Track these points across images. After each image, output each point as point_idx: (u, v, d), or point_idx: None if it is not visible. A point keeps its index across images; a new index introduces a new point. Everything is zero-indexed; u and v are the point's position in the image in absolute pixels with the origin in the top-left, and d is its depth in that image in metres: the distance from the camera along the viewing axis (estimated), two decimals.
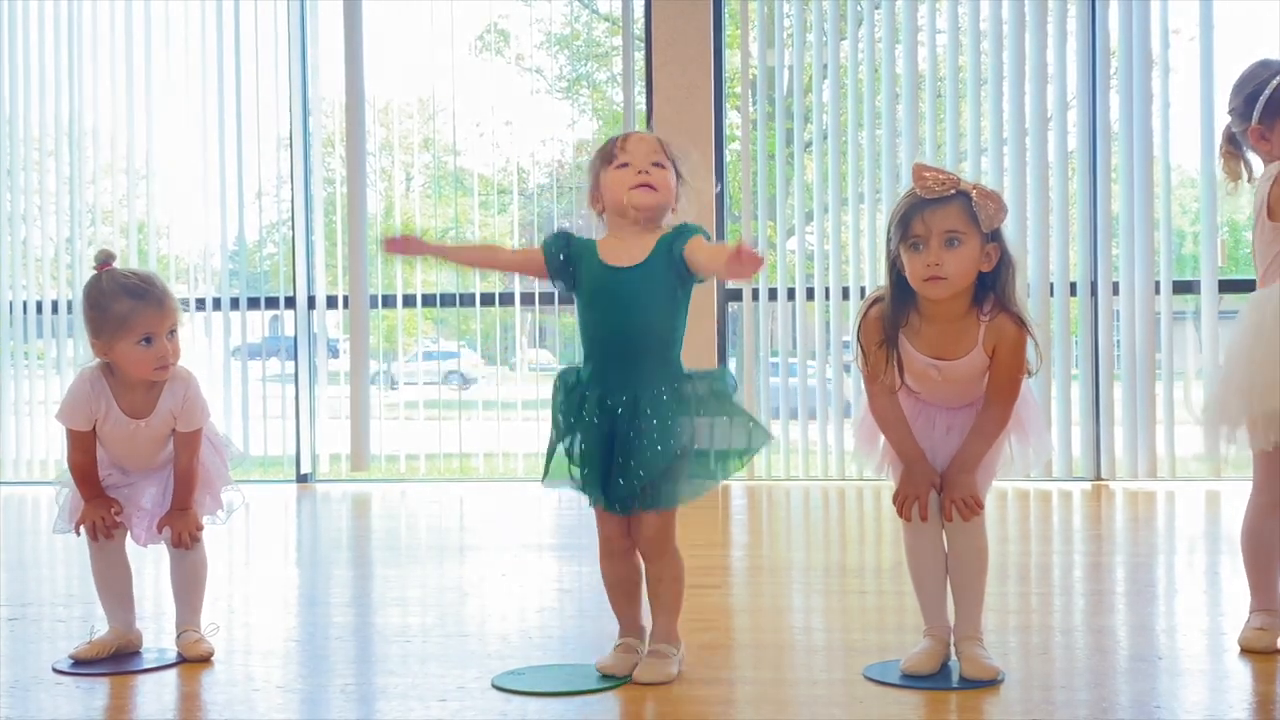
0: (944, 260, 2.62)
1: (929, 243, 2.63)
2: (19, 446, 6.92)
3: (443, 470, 6.97)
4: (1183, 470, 6.17)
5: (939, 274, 2.63)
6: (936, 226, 2.62)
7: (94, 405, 2.98)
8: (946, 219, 2.62)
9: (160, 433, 3.03)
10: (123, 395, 2.99)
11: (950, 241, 2.62)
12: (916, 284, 2.67)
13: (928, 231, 2.62)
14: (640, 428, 2.72)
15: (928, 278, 2.64)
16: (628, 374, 2.76)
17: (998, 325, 2.70)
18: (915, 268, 2.65)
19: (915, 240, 2.64)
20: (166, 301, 2.94)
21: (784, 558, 4.52)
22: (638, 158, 2.78)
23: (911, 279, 2.67)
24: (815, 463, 6.45)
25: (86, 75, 6.97)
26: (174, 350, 2.96)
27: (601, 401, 2.76)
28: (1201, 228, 6.23)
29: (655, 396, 2.74)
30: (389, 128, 7.60)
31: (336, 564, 4.58)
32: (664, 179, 2.79)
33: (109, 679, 2.93)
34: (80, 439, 3.01)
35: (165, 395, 2.99)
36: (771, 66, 6.55)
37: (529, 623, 3.43)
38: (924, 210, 2.63)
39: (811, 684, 2.84)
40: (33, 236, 7.14)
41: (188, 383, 3.01)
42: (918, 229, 2.63)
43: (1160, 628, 3.31)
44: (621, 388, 2.75)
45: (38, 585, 4.11)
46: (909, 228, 2.64)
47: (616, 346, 2.78)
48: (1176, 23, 6.39)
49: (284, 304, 6.90)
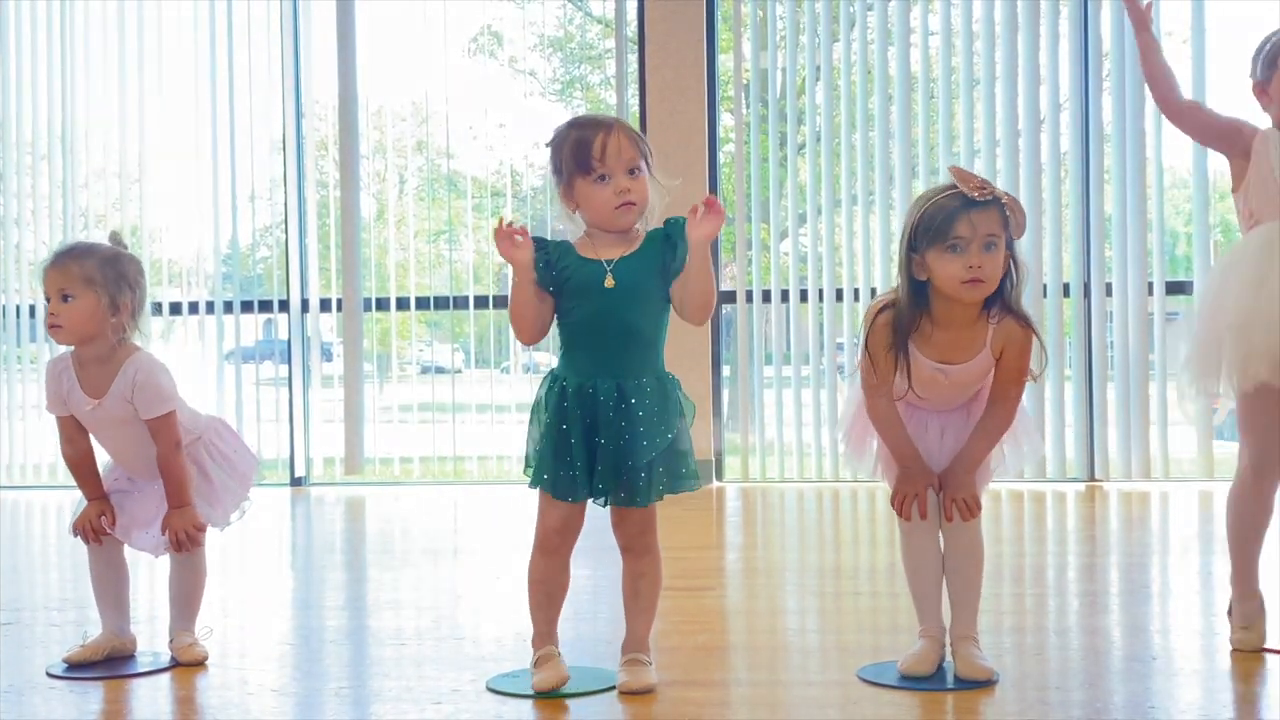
0: (984, 263, 2.63)
1: (970, 246, 2.63)
2: (11, 451, 6.91)
3: (436, 473, 6.96)
4: (1176, 471, 6.19)
5: (980, 276, 2.63)
6: (981, 229, 2.63)
7: (59, 385, 3.03)
8: (989, 223, 2.63)
9: (122, 416, 3.00)
10: (84, 377, 3.02)
11: (989, 245, 2.64)
12: (953, 286, 2.65)
13: (973, 234, 2.62)
14: (628, 417, 2.71)
15: (969, 279, 2.64)
16: (613, 364, 2.74)
17: (1005, 328, 2.73)
18: (955, 270, 2.64)
19: (956, 242, 2.63)
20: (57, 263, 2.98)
21: (778, 559, 4.52)
22: (616, 170, 2.72)
23: (947, 282, 2.65)
24: (809, 464, 6.45)
25: (79, 79, 6.96)
26: (66, 314, 2.96)
27: (582, 390, 2.74)
28: (1194, 229, 6.25)
29: (640, 387, 2.73)
30: (382, 131, 7.59)
31: (330, 567, 4.57)
32: (642, 188, 2.75)
33: (103, 683, 2.93)
34: (63, 428, 3.05)
35: (119, 376, 2.99)
36: (764, 69, 6.55)
37: (523, 625, 3.42)
38: (970, 212, 2.63)
39: (806, 685, 2.84)
40: (25, 240, 7.13)
41: (139, 365, 3.00)
42: (963, 230, 2.62)
43: (1154, 628, 3.31)
44: (606, 376, 2.73)
45: (31, 589, 4.11)
46: (952, 229, 2.63)
47: (603, 336, 2.75)
48: (1169, 25, 6.41)
49: (278, 307, 6.90)
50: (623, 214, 2.74)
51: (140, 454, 3.06)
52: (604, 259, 2.75)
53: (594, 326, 2.76)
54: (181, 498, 3.02)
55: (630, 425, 2.71)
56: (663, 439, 2.73)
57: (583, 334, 2.78)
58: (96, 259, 2.99)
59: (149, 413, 3.00)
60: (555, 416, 2.75)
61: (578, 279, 2.76)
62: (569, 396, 2.74)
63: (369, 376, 6.88)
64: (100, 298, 2.97)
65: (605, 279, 2.73)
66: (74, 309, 2.96)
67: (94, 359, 3.01)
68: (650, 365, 2.77)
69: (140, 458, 3.06)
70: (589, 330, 2.77)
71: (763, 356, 6.57)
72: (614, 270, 2.74)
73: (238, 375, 6.88)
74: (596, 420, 2.73)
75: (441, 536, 5.28)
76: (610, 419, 2.72)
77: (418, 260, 7.15)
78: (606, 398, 2.72)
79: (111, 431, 3.05)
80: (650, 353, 2.78)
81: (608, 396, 2.72)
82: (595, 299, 2.75)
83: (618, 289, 2.73)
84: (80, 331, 2.98)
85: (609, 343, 2.75)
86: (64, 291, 2.96)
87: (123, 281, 3.00)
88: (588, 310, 2.76)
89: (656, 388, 2.75)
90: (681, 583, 3.97)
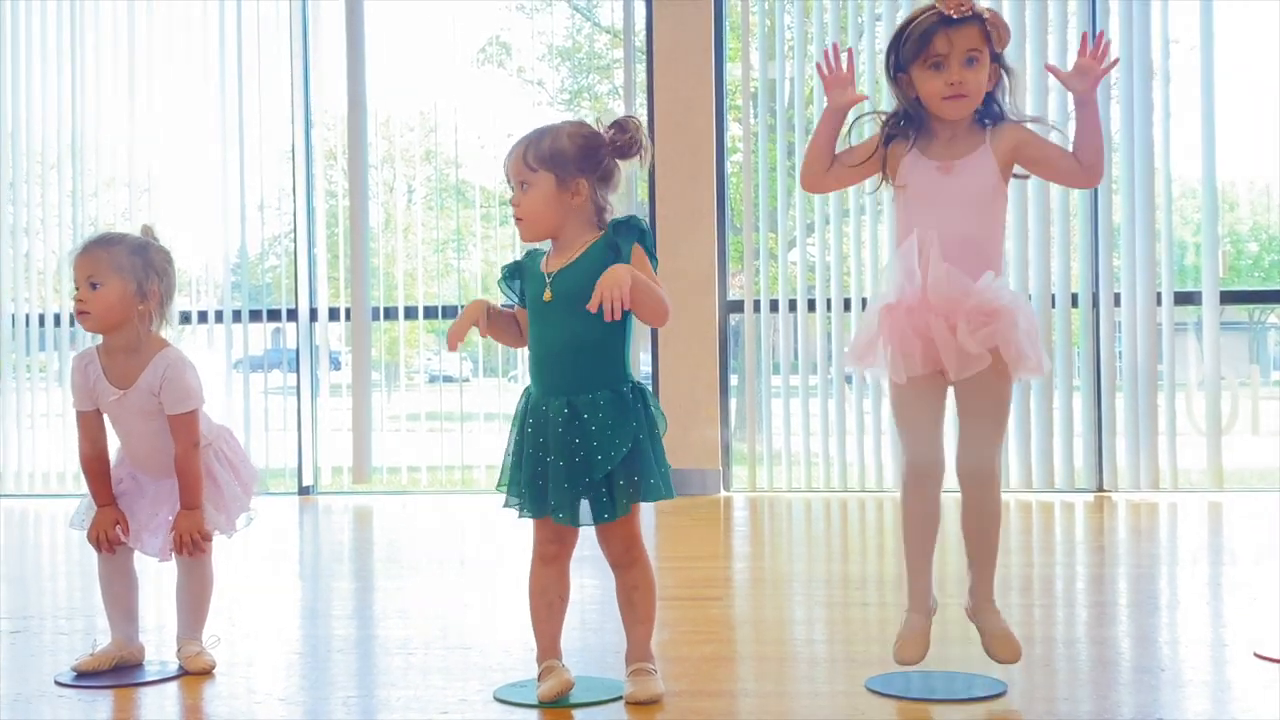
0: (965, 78, 2.69)
1: (950, 62, 2.68)
2: (20, 459, 6.92)
3: (444, 482, 6.96)
4: (1185, 481, 6.17)
5: (962, 91, 2.69)
6: (960, 45, 2.68)
7: (86, 378, 3.04)
8: (969, 38, 2.68)
9: (145, 408, 3.02)
10: (110, 367, 3.04)
11: (969, 60, 2.69)
12: (935, 103, 2.72)
13: (950, 49, 2.68)
14: (581, 433, 2.67)
15: (950, 95, 2.69)
16: (563, 379, 2.72)
17: (1003, 130, 2.76)
18: (936, 86, 2.70)
19: (937, 60, 2.69)
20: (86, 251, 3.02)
21: (785, 569, 4.51)
22: (514, 182, 2.75)
23: (930, 98, 2.72)
24: (817, 474, 6.44)
25: (89, 88, 6.99)
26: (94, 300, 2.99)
27: (537, 408, 2.74)
28: (1203, 239, 6.24)
29: (592, 402, 2.68)
30: (391, 140, 7.61)
31: (338, 576, 4.57)
32: (530, 200, 2.71)
33: (111, 691, 2.93)
34: (85, 425, 3.06)
35: (149, 369, 3.01)
36: (773, 78, 6.56)
37: (531, 635, 3.43)
38: (948, 29, 2.68)
39: (814, 696, 2.83)
40: (35, 249, 7.16)
41: (170, 361, 3.03)
42: (941, 47, 2.68)
43: (1163, 639, 3.30)
44: (557, 393, 2.71)
45: (39, 598, 4.11)
46: (930, 45, 2.69)
47: (551, 350, 2.74)
48: (1177, 32, 6.41)
49: (286, 316, 6.91)
50: (518, 230, 2.77)
51: (155, 450, 3.06)
52: (549, 270, 2.74)
53: (541, 341, 2.76)
54: (194, 499, 3.03)
55: (584, 441, 2.67)
56: (618, 452, 2.67)
57: (534, 349, 2.78)
58: (125, 247, 3.04)
59: (175, 408, 3.01)
60: (519, 435, 2.77)
61: (529, 296, 2.78)
62: (530, 414, 2.75)
63: (377, 385, 6.89)
64: (128, 285, 3.01)
65: (544, 293, 2.72)
66: (102, 296, 2.99)
67: (122, 348, 3.03)
68: (606, 377, 2.71)
69: (154, 454, 3.06)
70: (538, 345, 2.77)
71: (770, 366, 6.56)
72: (552, 283, 2.72)
73: (246, 384, 6.89)
74: (548, 440, 2.71)
75: (449, 545, 5.28)
76: (560, 436, 2.69)
77: (426, 269, 7.15)
78: (556, 415, 2.70)
79: (132, 424, 3.06)
80: (604, 363, 2.71)
81: (557, 414, 2.70)
82: (539, 314, 2.75)
83: (556, 301, 2.71)
84: (108, 318, 3.01)
85: (557, 357, 2.73)
86: (92, 279, 3.00)
87: (150, 270, 3.05)
88: (535, 327, 2.77)
89: (612, 401, 2.69)
90: (689, 592, 3.97)
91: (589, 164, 2.72)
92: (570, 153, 2.70)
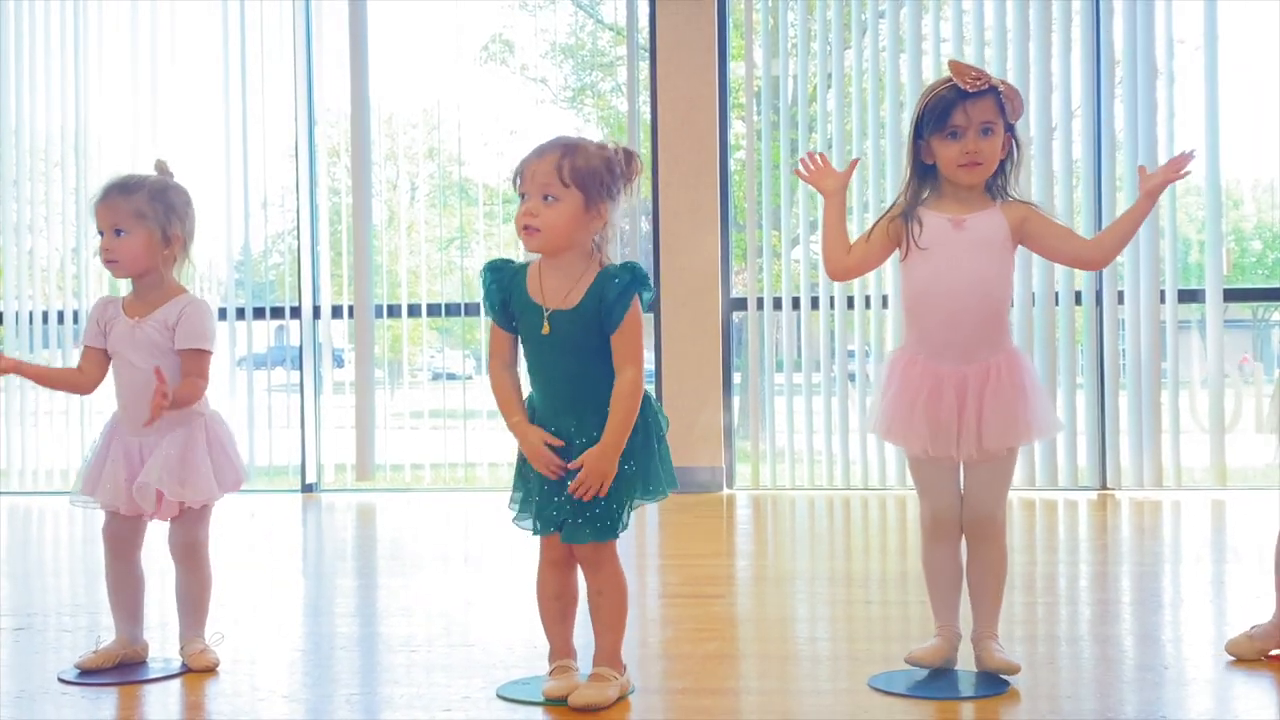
0: (980, 148, 2.81)
1: (967, 133, 2.80)
2: (25, 457, 6.93)
3: (447, 480, 6.96)
4: (1189, 479, 6.16)
5: (977, 160, 2.81)
6: (976, 117, 2.80)
7: (103, 313, 3.07)
8: (984, 111, 2.81)
9: (156, 341, 3.01)
10: (131, 305, 3.07)
11: (985, 131, 2.82)
12: (951, 170, 2.83)
13: (968, 122, 2.80)
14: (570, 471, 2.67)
15: (965, 163, 2.81)
16: (562, 414, 2.71)
17: (1012, 204, 2.88)
18: (952, 154, 2.82)
19: (954, 130, 2.81)
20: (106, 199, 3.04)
21: (789, 567, 4.51)
22: (533, 189, 2.66)
23: (947, 165, 2.84)
24: (819, 471, 6.44)
25: (92, 86, 7.00)
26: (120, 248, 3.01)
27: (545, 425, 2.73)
28: (1207, 236, 6.23)
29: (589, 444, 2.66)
30: (394, 138, 7.60)
31: (341, 573, 4.58)
32: (554, 215, 2.63)
33: (115, 689, 2.94)
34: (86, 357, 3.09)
35: (169, 304, 3.04)
36: (776, 75, 6.55)
37: (534, 632, 3.43)
38: (965, 102, 2.80)
39: (817, 694, 2.84)
40: (39, 247, 7.16)
41: (192, 300, 3.07)
42: (959, 120, 2.80)
43: (1166, 637, 3.30)
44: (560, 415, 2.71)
45: (43, 595, 4.12)
46: (949, 118, 2.80)
47: (551, 377, 2.73)
48: (1181, 32, 6.39)
49: (289, 314, 6.91)
50: (524, 237, 2.68)
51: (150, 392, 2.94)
52: (546, 304, 2.68)
53: (539, 366, 2.76)
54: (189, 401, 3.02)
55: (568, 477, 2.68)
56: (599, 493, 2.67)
57: (533, 372, 2.78)
58: (145, 192, 3.06)
59: (186, 343, 3.02)
60: None
61: (522, 321, 2.74)
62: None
63: (380, 383, 6.88)
64: (153, 232, 3.04)
65: (542, 325, 2.69)
66: (127, 243, 3.02)
67: (148, 286, 3.07)
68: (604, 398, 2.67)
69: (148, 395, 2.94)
70: (536, 369, 2.77)
71: (773, 363, 6.56)
72: (550, 319, 2.68)
73: (249, 381, 6.89)
74: None
75: (452, 543, 5.29)
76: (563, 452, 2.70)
77: (429, 267, 7.16)
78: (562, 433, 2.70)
79: (137, 356, 3.01)
80: (602, 388, 2.67)
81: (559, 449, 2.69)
82: (536, 343, 2.73)
83: (554, 337, 2.68)
84: (136, 265, 3.04)
85: (556, 381, 2.73)
86: (116, 226, 3.02)
87: (172, 214, 3.08)
88: (532, 352, 2.76)
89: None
90: (691, 590, 3.97)
91: (615, 190, 2.69)
92: (603, 176, 2.66)
